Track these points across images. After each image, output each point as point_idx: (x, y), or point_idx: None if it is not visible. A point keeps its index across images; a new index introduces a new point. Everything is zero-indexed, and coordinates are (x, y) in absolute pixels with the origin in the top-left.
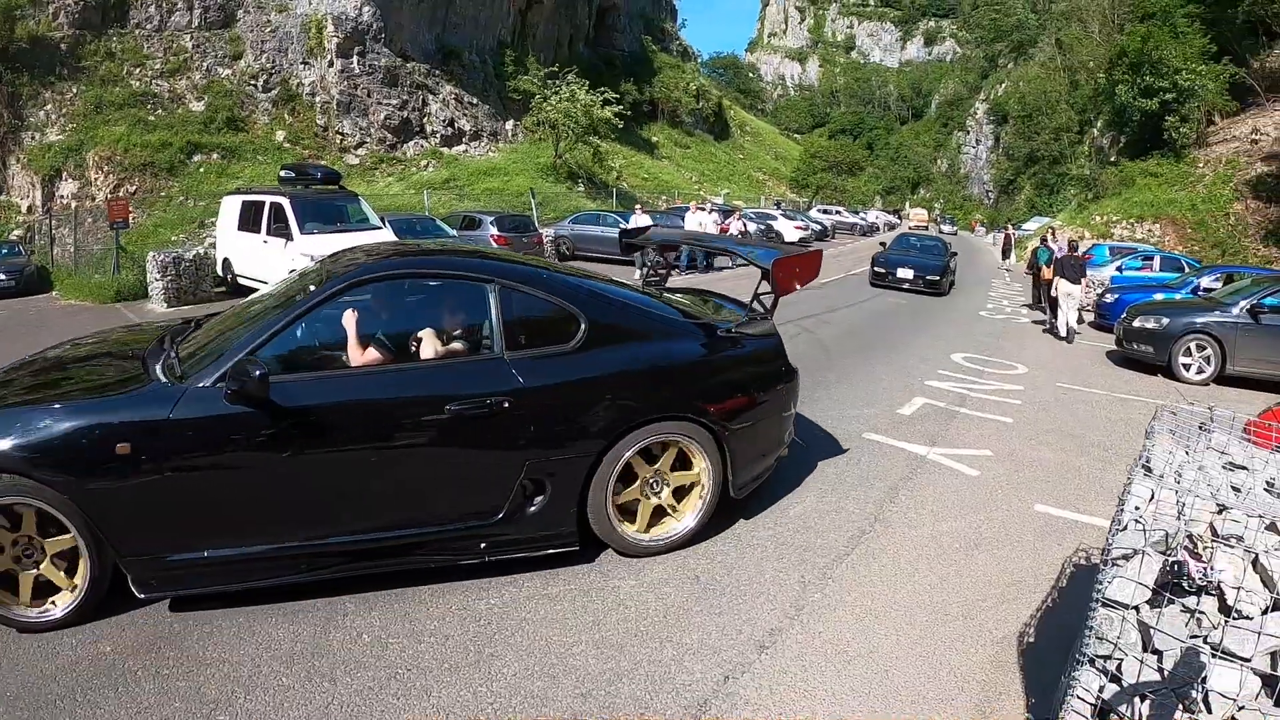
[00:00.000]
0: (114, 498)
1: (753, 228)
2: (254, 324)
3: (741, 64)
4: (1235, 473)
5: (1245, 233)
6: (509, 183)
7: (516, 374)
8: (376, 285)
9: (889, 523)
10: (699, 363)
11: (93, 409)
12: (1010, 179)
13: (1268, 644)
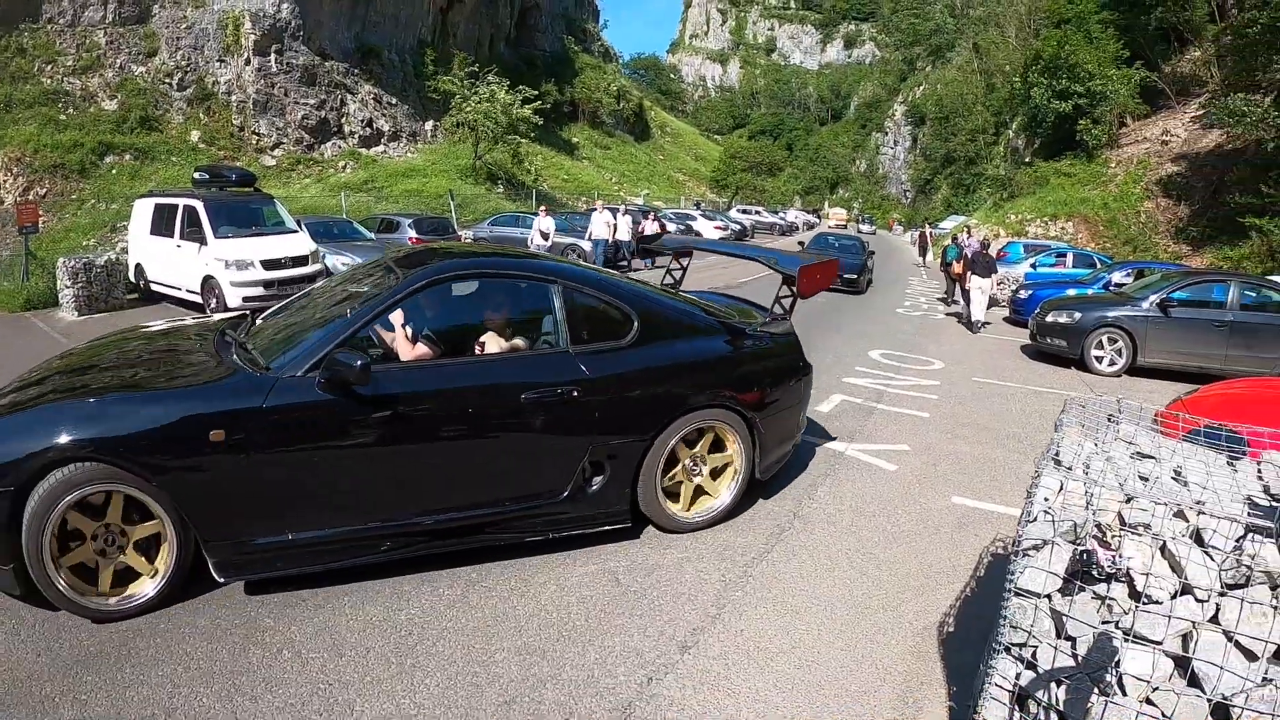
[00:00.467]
0: (205, 484)
1: (672, 228)
2: (333, 316)
3: (663, 65)
4: (1143, 462)
5: (1156, 230)
6: (428, 184)
7: (582, 366)
8: (459, 281)
9: (809, 519)
10: (733, 358)
11: (188, 398)
12: (927, 179)
13: (1178, 627)
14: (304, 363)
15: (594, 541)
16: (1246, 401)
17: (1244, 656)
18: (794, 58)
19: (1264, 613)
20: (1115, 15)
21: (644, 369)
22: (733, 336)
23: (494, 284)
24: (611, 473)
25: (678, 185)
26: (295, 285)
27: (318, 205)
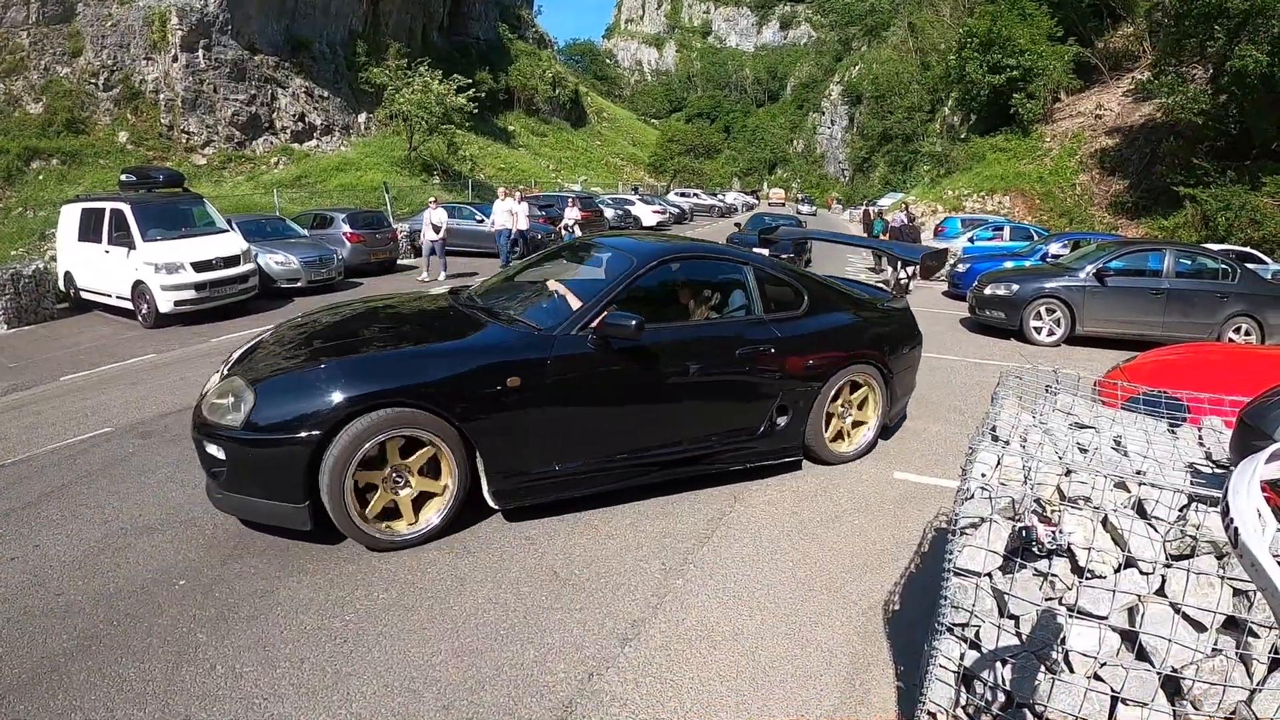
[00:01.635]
0: (498, 423)
1: (610, 213)
2: (580, 287)
3: (599, 51)
4: (1082, 433)
5: (1091, 202)
6: (362, 178)
7: (775, 329)
8: (667, 261)
9: (749, 502)
10: (872, 326)
11: (488, 351)
12: (865, 157)
13: (1123, 601)
14: (578, 322)
15: (532, 535)
16: (1184, 367)
17: (1192, 628)
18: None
19: (1210, 583)
20: None
21: (815, 332)
22: (870, 310)
23: (704, 264)
24: (793, 415)
25: (616, 170)
26: (227, 287)
27: (250, 203)
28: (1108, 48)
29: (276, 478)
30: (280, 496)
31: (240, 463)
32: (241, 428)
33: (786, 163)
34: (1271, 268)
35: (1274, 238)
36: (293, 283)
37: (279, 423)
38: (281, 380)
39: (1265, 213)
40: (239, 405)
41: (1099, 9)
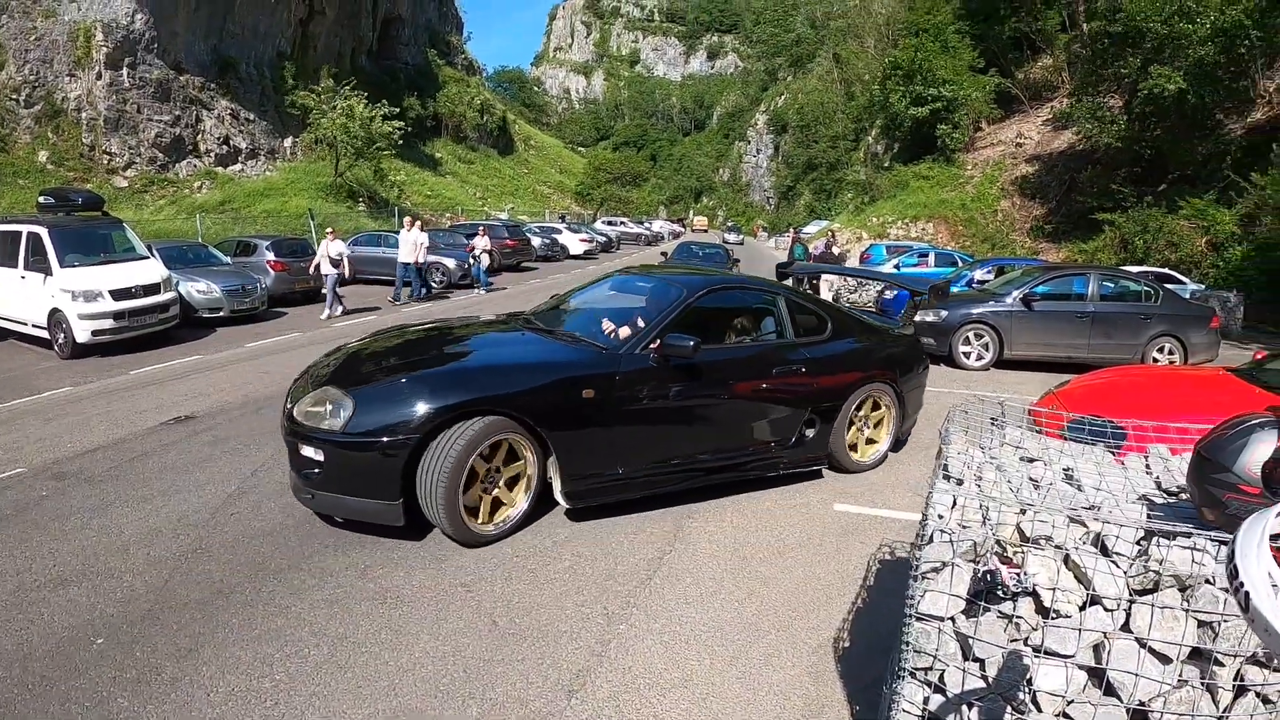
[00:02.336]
0: (575, 430)
1: (538, 242)
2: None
3: (527, 78)
4: (1033, 466)
5: (1012, 228)
6: (287, 204)
7: (805, 351)
8: (711, 293)
9: (689, 539)
10: (888, 349)
11: (567, 367)
12: (790, 185)
13: (1089, 638)
14: (641, 343)
15: (468, 582)
16: (1114, 390)
17: (1158, 660)
18: (658, 69)
19: (1175, 616)
20: (970, 25)
21: (838, 354)
22: (883, 336)
23: (744, 294)
24: (820, 427)
25: (543, 199)
26: (147, 316)
27: (172, 229)
28: (1028, 78)
29: (373, 477)
30: (376, 495)
31: (338, 464)
32: (341, 432)
33: (712, 191)
34: (1190, 287)
35: (1190, 259)
36: (214, 312)
37: (378, 427)
38: (379, 388)
39: (1182, 235)
40: (338, 412)
41: (1019, 41)
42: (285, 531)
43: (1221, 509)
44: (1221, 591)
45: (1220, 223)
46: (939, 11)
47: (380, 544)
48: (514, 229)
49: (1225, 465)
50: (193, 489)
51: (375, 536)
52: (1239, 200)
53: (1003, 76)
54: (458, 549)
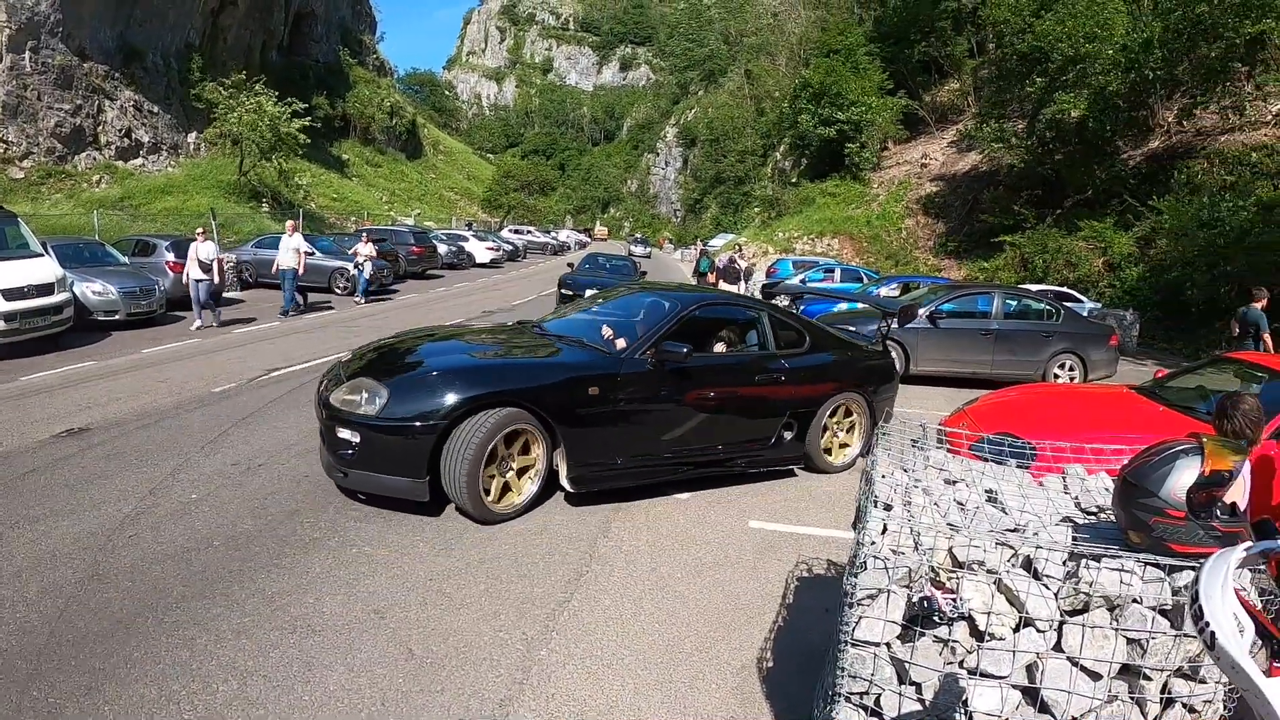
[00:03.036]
0: (581, 423)
1: (444, 249)
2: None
3: (438, 81)
4: (957, 488)
5: (916, 245)
6: (188, 202)
7: (784, 362)
8: (703, 308)
9: (606, 560)
10: (861, 362)
11: (575, 367)
12: (697, 198)
13: (1023, 659)
14: (640, 348)
15: (381, 609)
16: (1023, 407)
17: (1089, 677)
18: (570, 78)
19: (1105, 635)
20: (881, 48)
21: (814, 365)
22: (857, 352)
23: (731, 309)
24: (797, 430)
25: (450, 205)
26: (39, 318)
27: (68, 225)
28: (934, 101)
29: (403, 457)
30: (405, 473)
31: (373, 445)
32: (376, 417)
33: (620, 202)
34: (1088, 306)
35: (1088, 278)
36: (110, 315)
37: (410, 414)
38: (412, 379)
39: (1080, 255)
40: (373, 399)
41: (928, 65)
42: (187, 555)
43: (1147, 532)
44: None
45: (1118, 245)
46: (851, 33)
47: (287, 570)
48: (420, 235)
49: (1151, 490)
50: (88, 508)
51: (282, 561)
52: (1136, 224)
53: (910, 99)
54: (369, 573)
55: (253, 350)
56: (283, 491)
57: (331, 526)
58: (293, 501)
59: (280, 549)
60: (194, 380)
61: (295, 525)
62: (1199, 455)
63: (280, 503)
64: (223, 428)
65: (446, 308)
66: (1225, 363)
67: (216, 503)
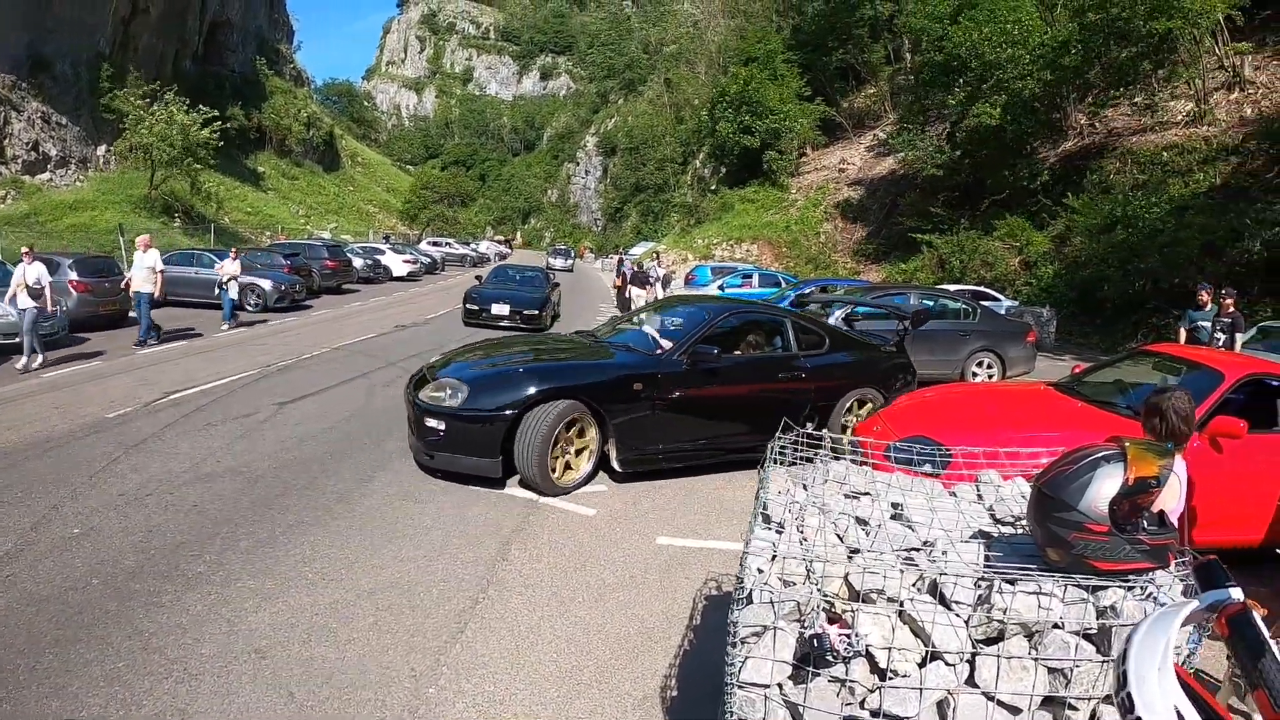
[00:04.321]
0: (627, 414)
1: (359, 263)
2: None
3: (357, 92)
4: (859, 503)
5: (835, 249)
6: (97, 218)
7: (805, 361)
8: (734, 315)
9: (504, 585)
10: (877, 361)
11: (622, 367)
12: (618, 207)
13: (932, 696)
14: (677, 350)
15: (262, 647)
16: (938, 407)
17: (1008, 712)
18: (490, 88)
19: (1024, 665)
20: (800, 55)
21: (833, 364)
22: (874, 352)
23: (757, 316)
24: (819, 420)
25: (368, 218)
26: None
27: None
28: (852, 107)
29: (481, 442)
30: (482, 454)
31: (455, 432)
32: (459, 408)
33: (540, 212)
34: (1005, 304)
35: (1005, 277)
36: (9, 338)
37: (488, 406)
38: (488, 377)
39: (997, 255)
40: (455, 395)
41: (845, 72)
42: (63, 596)
43: (1067, 549)
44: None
45: (1033, 243)
46: (769, 41)
47: (167, 608)
48: (334, 249)
49: (1069, 504)
50: None
51: (162, 599)
52: (1051, 223)
53: (828, 105)
54: (253, 609)
55: (156, 371)
56: (169, 524)
57: (217, 560)
58: (178, 534)
59: (161, 586)
60: (96, 403)
61: (179, 560)
62: (1121, 461)
63: (165, 535)
64: (113, 455)
65: (360, 322)
66: (1143, 355)
67: (99, 538)
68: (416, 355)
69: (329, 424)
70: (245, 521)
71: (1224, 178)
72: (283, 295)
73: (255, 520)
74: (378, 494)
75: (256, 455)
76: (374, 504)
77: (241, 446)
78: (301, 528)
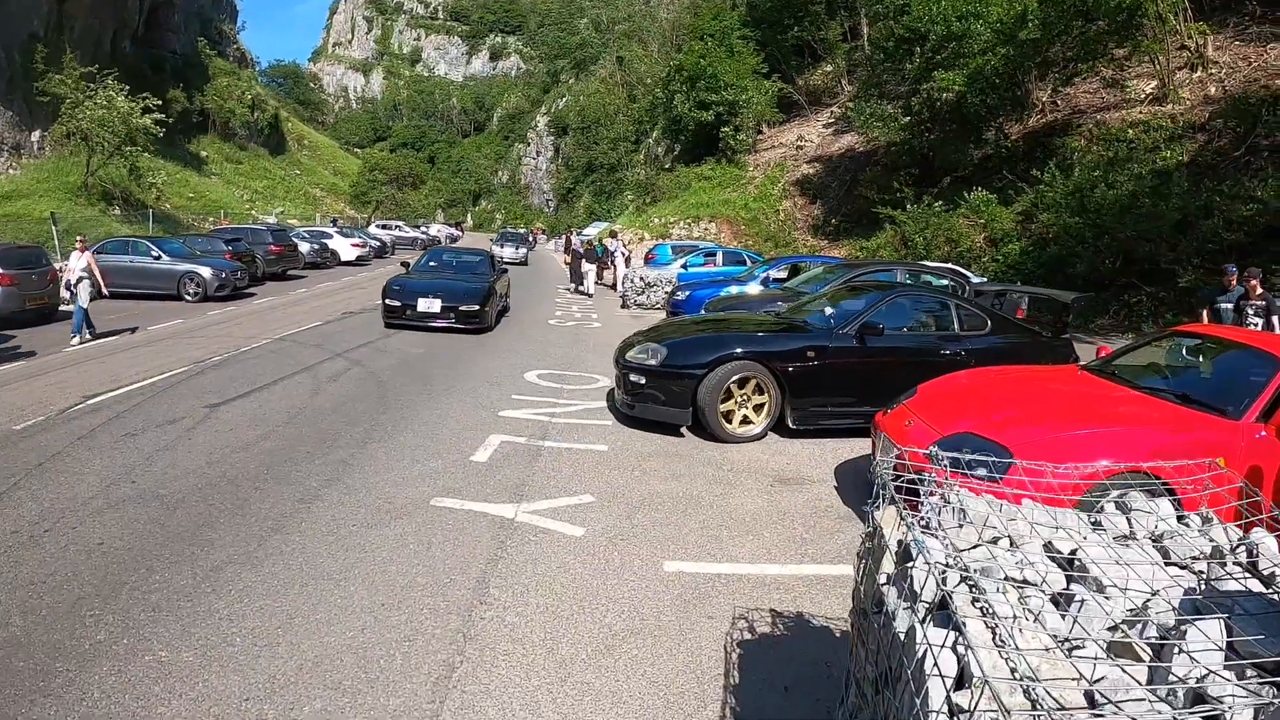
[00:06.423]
0: (801, 377)
1: (306, 248)
2: (845, 308)
3: (303, 73)
4: (1015, 552)
5: (794, 226)
6: (30, 207)
7: (968, 342)
8: (903, 297)
9: (486, 641)
10: (1035, 346)
11: (801, 338)
12: (570, 187)
13: None
14: (847, 326)
15: None
16: (972, 396)
17: None
18: (439, 69)
19: None
20: (755, 32)
21: (992, 347)
22: (1034, 337)
23: (921, 299)
24: None
25: (315, 202)
26: None
27: None
28: (809, 84)
29: (676, 395)
30: (675, 405)
31: (654, 385)
32: (658, 366)
33: (491, 194)
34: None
35: (969, 253)
36: None
37: (681, 364)
38: (683, 341)
39: (960, 231)
40: (655, 355)
41: (802, 49)
42: None
43: None
44: None
45: (999, 219)
46: (724, 17)
47: (55, 696)
48: (279, 234)
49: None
50: None
51: (49, 682)
52: (1016, 199)
53: (785, 82)
54: (163, 694)
55: (78, 373)
56: (67, 571)
57: (122, 622)
58: (78, 585)
59: (50, 662)
60: (19, 406)
61: (76, 622)
62: None
63: (62, 588)
64: (13, 479)
65: (305, 310)
66: (1178, 336)
67: None
68: (365, 344)
69: (266, 429)
70: (160, 564)
71: (1190, 155)
72: (223, 283)
73: (172, 561)
74: (322, 520)
75: (179, 472)
76: (317, 533)
77: (163, 462)
78: (229, 570)
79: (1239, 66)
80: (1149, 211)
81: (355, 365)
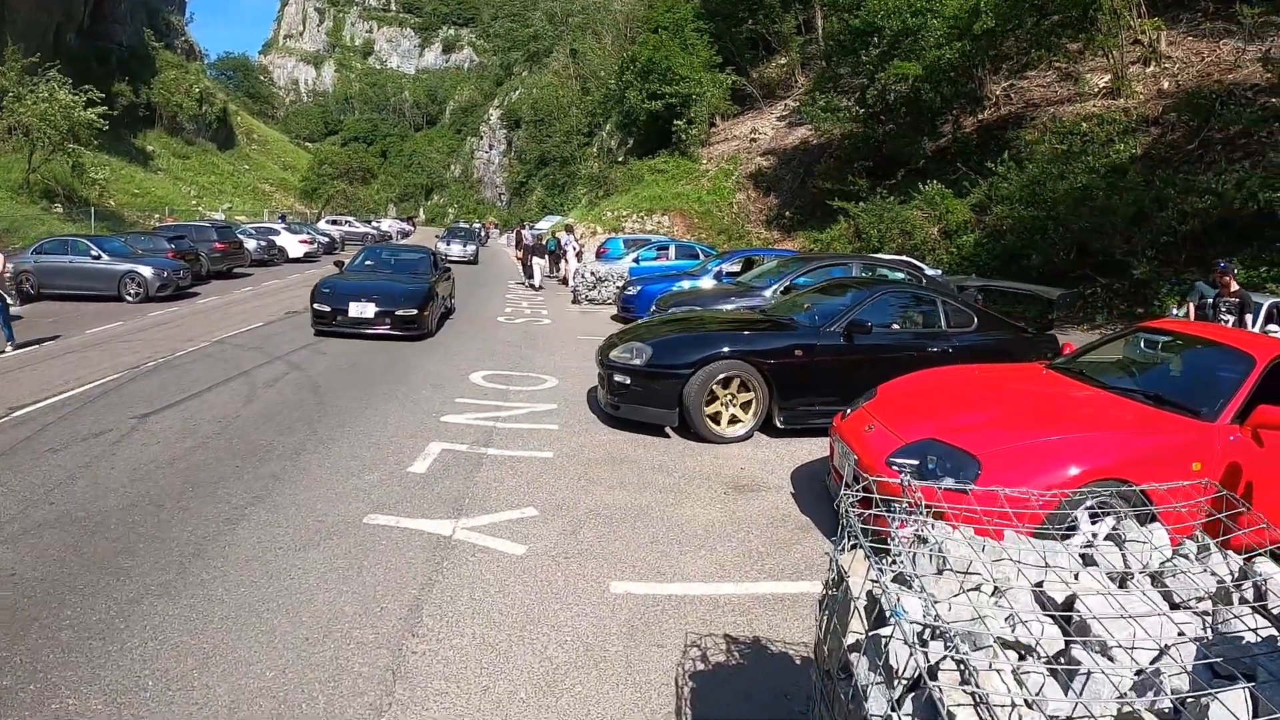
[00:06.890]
0: (787, 376)
1: (252, 245)
2: (831, 305)
3: (253, 66)
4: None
5: (748, 219)
6: None
7: (955, 339)
8: (890, 294)
9: (417, 678)
10: (1021, 343)
11: (786, 336)
12: (523, 181)
13: None
14: (834, 324)
15: None
16: (936, 397)
17: None
18: (392, 62)
19: None
20: (709, 24)
21: (978, 344)
22: (1019, 333)
23: (911, 296)
24: None
25: (265, 197)
26: None
27: None
28: (762, 77)
29: (661, 395)
30: (661, 405)
31: (639, 385)
32: (643, 366)
33: (444, 188)
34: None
35: (923, 245)
36: None
37: (667, 364)
38: (669, 340)
39: (915, 223)
40: (640, 354)
41: (756, 42)
42: None
43: None
44: None
45: (953, 211)
46: (679, 9)
47: None
48: (224, 230)
49: None
50: None
51: None
52: (971, 190)
53: (739, 75)
54: None
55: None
56: None
57: (29, 665)
58: None
59: None
60: None
61: None
62: None
63: None
64: None
65: (248, 310)
66: (1143, 333)
67: None
68: (306, 346)
69: (194, 442)
70: (74, 595)
71: (1144, 149)
72: (165, 283)
73: (87, 593)
74: (246, 543)
75: (101, 491)
76: (241, 558)
77: (84, 481)
78: (145, 602)
79: (1192, 61)
80: (1103, 204)
81: (294, 369)
